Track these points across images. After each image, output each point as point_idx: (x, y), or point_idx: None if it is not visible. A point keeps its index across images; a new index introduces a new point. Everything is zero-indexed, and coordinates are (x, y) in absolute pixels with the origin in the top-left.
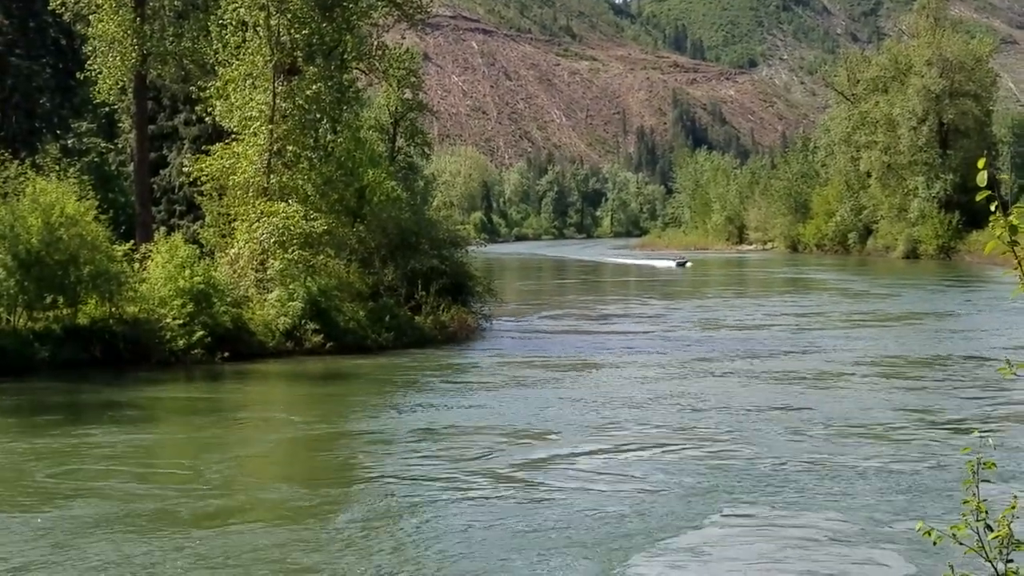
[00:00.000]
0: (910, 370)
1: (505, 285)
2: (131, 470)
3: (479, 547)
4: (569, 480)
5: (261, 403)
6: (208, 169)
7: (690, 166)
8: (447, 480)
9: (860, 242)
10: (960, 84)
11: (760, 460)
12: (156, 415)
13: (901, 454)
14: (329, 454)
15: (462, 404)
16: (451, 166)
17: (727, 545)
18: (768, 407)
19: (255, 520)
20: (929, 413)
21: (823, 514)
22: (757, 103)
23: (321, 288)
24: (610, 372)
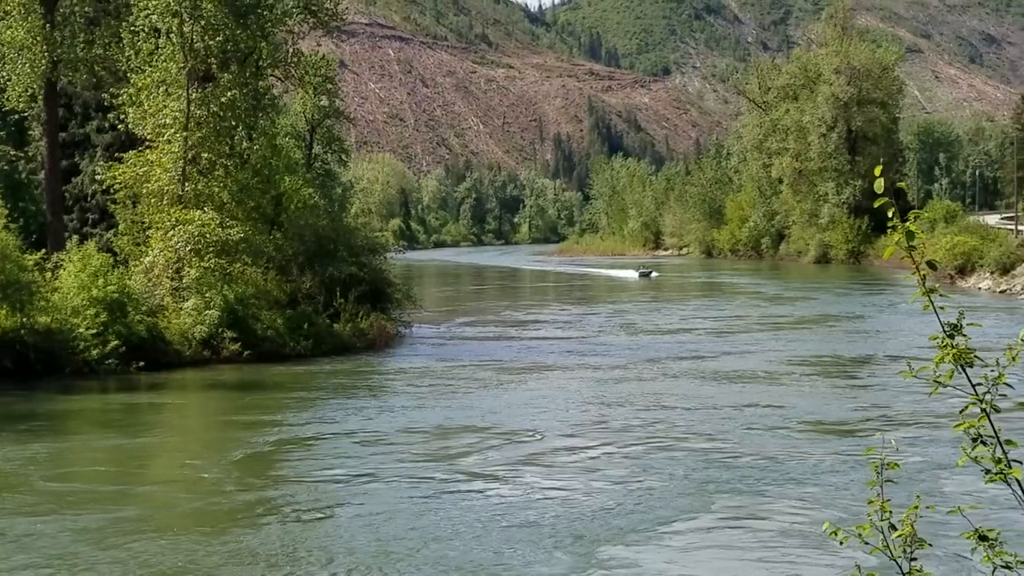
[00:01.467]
0: (820, 372)
1: (424, 292)
2: (41, 483)
3: (397, 550)
4: (491, 481)
5: (176, 413)
6: (121, 177)
7: (606, 172)
8: (365, 485)
9: (773, 247)
10: (867, 92)
11: (667, 457)
12: (68, 426)
13: (818, 451)
14: (244, 463)
15: (380, 411)
16: (369, 173)
17: (665, 541)
18: (682, 407)
19: (169, 530)
20: (835, 413)
21: (763, 510)
22: (671, 110)
23: (238, 296)
24: (527, 377)
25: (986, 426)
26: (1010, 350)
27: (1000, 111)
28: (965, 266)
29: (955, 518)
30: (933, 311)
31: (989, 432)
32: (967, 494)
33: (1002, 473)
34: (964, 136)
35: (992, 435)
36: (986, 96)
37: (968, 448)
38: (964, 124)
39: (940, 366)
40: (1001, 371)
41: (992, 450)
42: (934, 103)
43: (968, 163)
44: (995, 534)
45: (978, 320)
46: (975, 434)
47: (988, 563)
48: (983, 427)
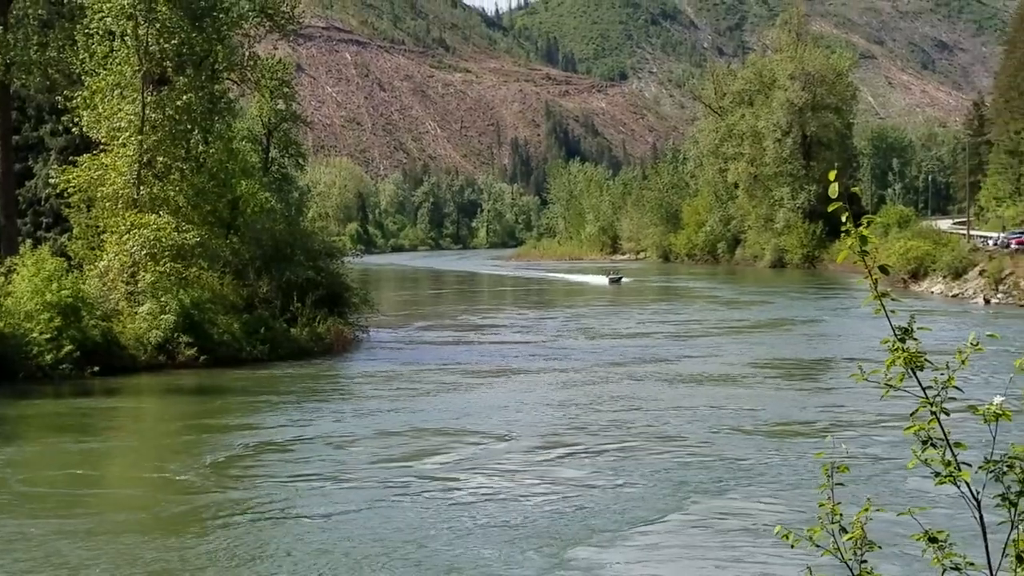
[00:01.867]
0: (775, 375)
1: (382, 296)
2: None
3: (361, 553)
4: (453, 483)
5: (132, 418)
6: (76, 180)
7: (564, 177)
8: (326, 488)
9: (729, 251)
10: (822, 97)
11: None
12: (22, 432)
13: (774, 453)
14: (200, 468)
15: (339, 415)
16: (326, 177)
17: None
18: (643, 410)
19: (123, 536)
20: (789, 416)
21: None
22: (628, 115)
23: (194, 300)
24: (486, 381)
25: (936, 429)
26: (960, 353)
27: (952, 117)
28: (918, 271)
29: (906, 520)
30: (885, 315)
31: (939, 435)
32: (918, 496)
33: (952, 475)
34: (917, 142)
35: (942, 437)
36: (939, 102)
37: (918, 450)
38: (917, 130)
39: (891, 369)
40: (951, 374)
41: (942, 452)
42: (887, 109)
43: (921, 168)
44: (944, 536)
45: (930, 324)
46: (925, 436)
47: (938, 564)
48: (933, 430)
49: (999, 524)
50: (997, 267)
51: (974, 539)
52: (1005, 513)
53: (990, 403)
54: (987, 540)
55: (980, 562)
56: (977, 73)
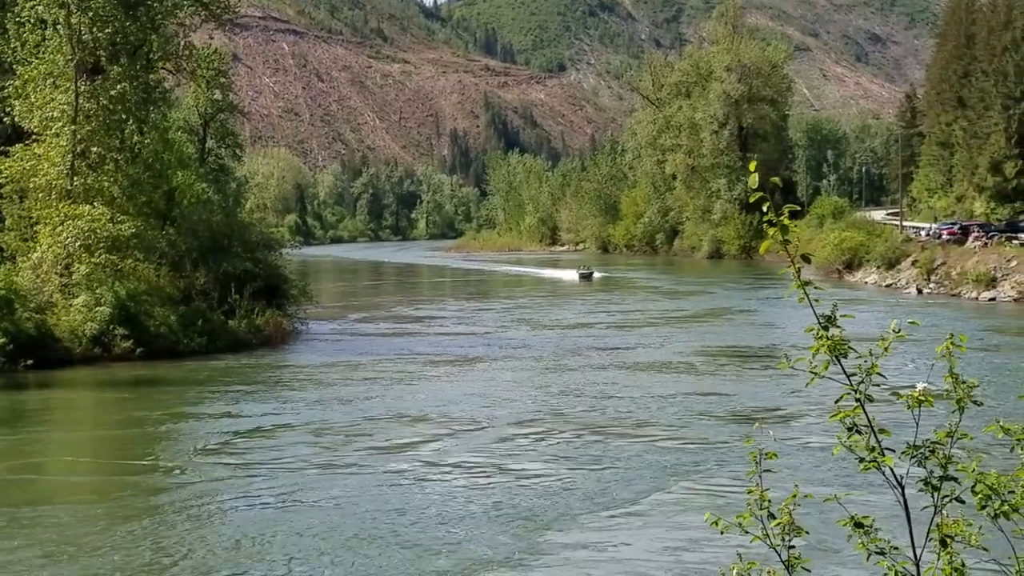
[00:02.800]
0: (707, 363)
1: (321, 288)
2: None
3: (311, 543)
4: (392, 471)
5: (67, 411)
6: (7, 171)
7: (503, 168)
8: (270, 478)
9: (667, 242)
10: (758, 89)
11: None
12: None
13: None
14: (136, 460)
15: (279, 406)
16: (264, 168)
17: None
18: (579, 396)
19: (59, 526)
20: (721, 404)
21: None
22: (567, 106)
23: (130, 292)
24: (426, 371)
25: (861, 415)
26: (883, 340)
27: (886, 109)
28: (852, 261)
29: (832, 506)
30: (808, 303)
31: (864, 421)
32: (844, 482)
33: (876, 461)
34: (851, 133)
35: (867, 424)
36: (872, 94)
37: (843, 437)
38: (851, 122)
39: (816, 357)
40: (874, 361)
41: (867, 439)
42: (822, 101)
43: (855, 160)
44: (870, 521)
45: (862, 313)
46: (850, 423)
47: (863, 549)
48: (858, 416)
49: (923, 509)
50: (929, 257)
51: (899, 524)
52: (928, 498)
53: (913, 390)
54: (911, 524)
55: (904, 546)
56: (909, 65)
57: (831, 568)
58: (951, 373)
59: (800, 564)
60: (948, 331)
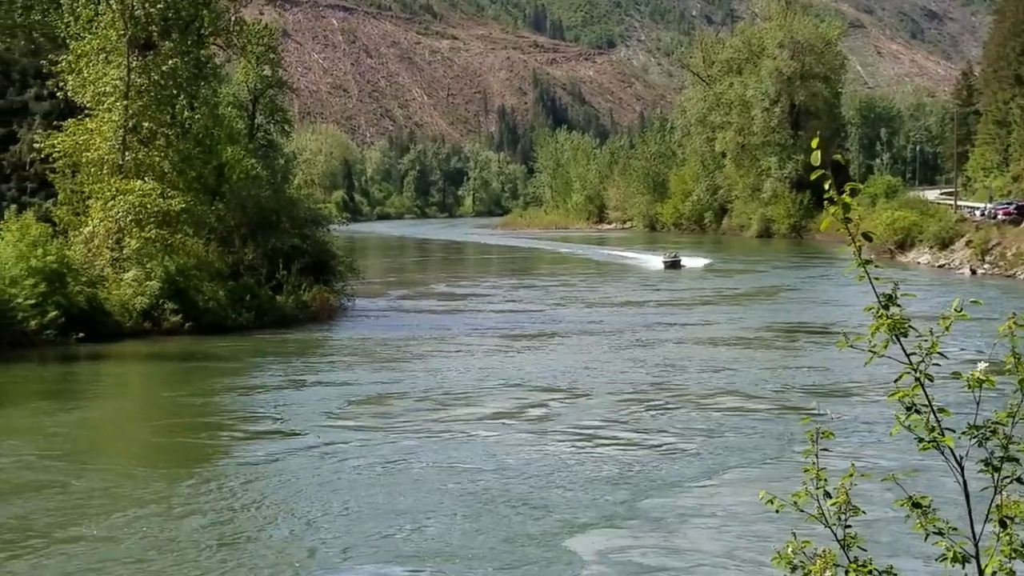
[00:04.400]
0: (763, 342)
1: (367, 264)
2: None
3: (357, 521)
4: (433, 451)
5: (118, 384)
6: (60, 146)
7: (551, 146)
8: (321, 451)
9: (716, 221)
10: (810, 67)
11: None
12: (7, 398)
13: (759, 420)
14: (189, 433)
15: (325, 382)
16: (312, 144)
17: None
18: (640, 378)
19: (112, 504)
20: (778, 382)
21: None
22: (616, 83)
23: (179, 267)
24: (473, 347)
25: (920, 395)
26: (944, 320)
27: (941, 87)
28: (905, 241)
29: (890, 485)
30: (869, 282)
31: (923, 401)
32: (902, 462)
33: (935, 441)
34: (905, 111)
35: (926, 404)
36: (927, 72)
37: (902, 417)
38: (905, 99)
39: (875, 336)
40: (935, 340)
41: (926, 419)
42: (876, 78)
43: (909, 138)
44: (928, 501)
45: (914, 293)
46: (909, 403)
47: (921, 530)
48: (917, 396)
49: (982, 490)
50: (984, 238)
51: (957, 504)
52: (988, 478)
53: (974, 370)
54: (970, 505)
55: (963, 527)
56: (966, 43)
57: (889, 548)
58: (1013, 353)
59: (856, 543)
60: (1008, 311)
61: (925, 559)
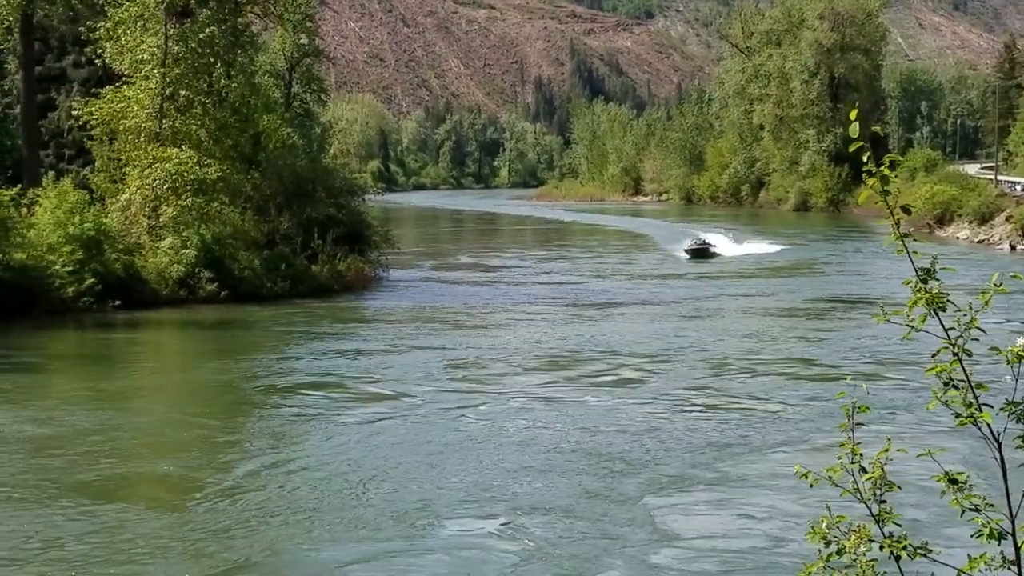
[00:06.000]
0: (801, 317)
1: (403, 235)
2: (17, 425)
3: (384, 487)
4: (431, 429)
5: (153, 352)
6: (98, 113)
7: (587, 117)
8: (345, 424)
9: (753, 194)
10: (851, 38)
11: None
12: (46, 364)
13: (790, 394)
14: (225, 404)
15: (361, 351)
16: (348, 114)
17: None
18: (659, 350)
19: (147, 470)
20: (815, 357)
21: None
22: (653, 54)
23: (215, 236)
24: (508, 318)
25: (957, 370)
26: (983, 294)
27: (983, 60)
28: (944, 216)
29: (925, 461)
30: (907, 255)
31: (960, 376)
32: (939, 437)
33: (972, 417)
34: (946, 84)
35: (964, 379)
36: (969, 44)
37: (939, 392)
38: (947, 72)
39: (913, 310)
40: (974, 315)
41: (963, 394)
42: (917, 51)
43: (950, 112)
44: (964, 477)
45: (953, 267)
46: (947, 378)
47: (957, 506)
48: (955, 371)
49: (1020, 466)
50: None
51: (994, 480)
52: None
53: (1013, 345)
54: (1007, 481)
55: (1000, 503)
56: (1009, 15)
57: (924, 524)
58: None
59: (891, 519)
60: None
61: (961, 535)
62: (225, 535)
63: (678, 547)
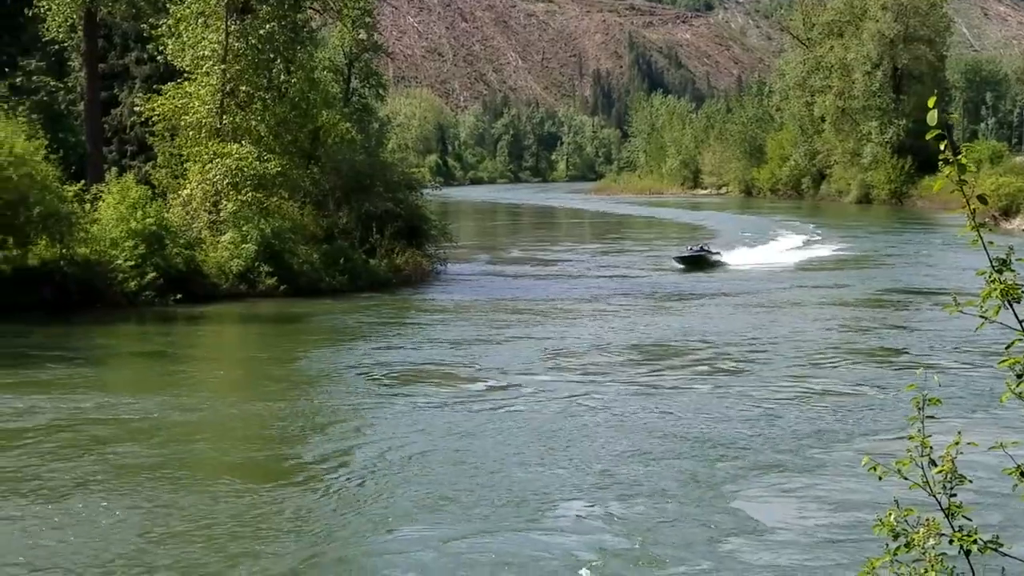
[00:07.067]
0: (878, 308)
1: (460, 229)
2: (83, 416)
3: (445, 483)
4: (504, 420)
5: (215, 346)
6: (160, 109)
7: (646, 110)
8: (436, 412)
9: (814, 187)
10: (914, 29)
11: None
12: (111, 358)
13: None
14: (286, 399)
15: (421, 345)
16: (406, 108)
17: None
18: (745, 344)
19: (215, 469)
20: (885, 349)
21: None
22: (713, 47)
23: (275, 230)
24: (569, 314)
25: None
26: None
27: None
28: (1009, 208)
29: (997, 455)
30: (982, 246)
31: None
32: (1012, 430)
33: None
34: (1012, 75)
35: None
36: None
37: (1013, 384)
38: (1012, 63)
39: (987, 301)
40: None
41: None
42: (982, 41)
43: (1016, 103)
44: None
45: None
46: (1020, 370)
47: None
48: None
49: None
50: None
51: None
52: None
53: None
54: None
55: None
56: None
57: (994, 518)
58: None
59: (961, 513)
60: None
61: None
62: (348, 514)
63: (768, 533)
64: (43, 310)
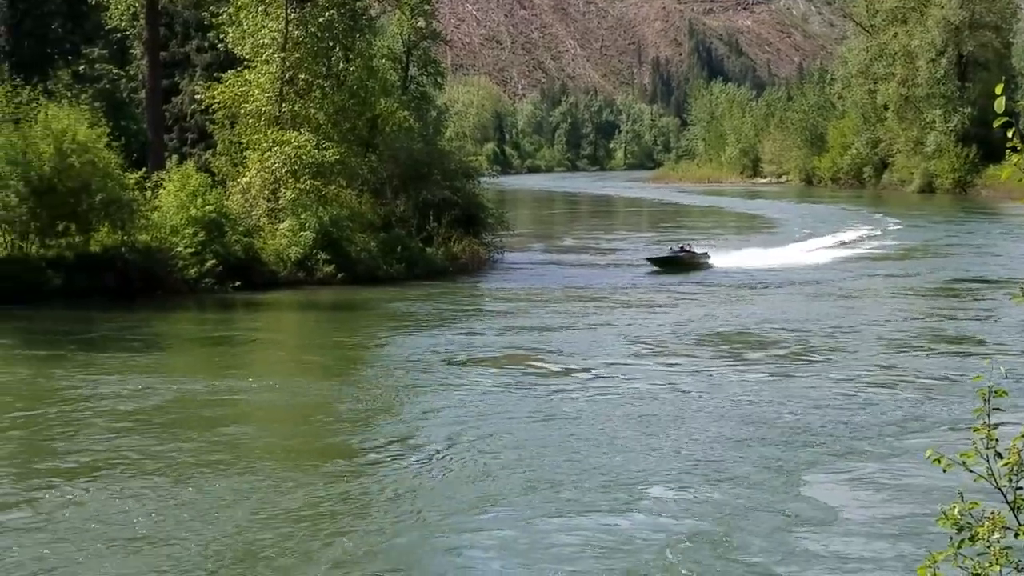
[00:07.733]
0: (935, 299)
1: (518, 218)
2: (145, 401)
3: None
4: (583, 405)
5: (275, 333)
6: (220, 97)
7: (705, 98)
8: (471, 408)
9: (876, 176)
10: (980, 15)
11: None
12: (172, 344)
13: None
14: (347, 386)
15: (479, 333)
16: (464, 96)
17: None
18: (809, 333)
19: (275, 455)
20: (958, 338)
21: None
22: (774, 34)
23: (333, 218)
24: (628, 304)
25: None
26: None
27: None
28: None
29: None
30: None
31: None
32: None
33: None
34: None
35: None
36: None
37: None
38: None
39: None
40: None
41: None
42: None
43: None
44: None
45: None
46: None
47: None
48: None
49: None
50: None
51: None
52: None
53: None
54: None
55: None
56: None
57: None
58: None
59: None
60: None
61: None
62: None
63: (839, 523)
64: (105, 296)
